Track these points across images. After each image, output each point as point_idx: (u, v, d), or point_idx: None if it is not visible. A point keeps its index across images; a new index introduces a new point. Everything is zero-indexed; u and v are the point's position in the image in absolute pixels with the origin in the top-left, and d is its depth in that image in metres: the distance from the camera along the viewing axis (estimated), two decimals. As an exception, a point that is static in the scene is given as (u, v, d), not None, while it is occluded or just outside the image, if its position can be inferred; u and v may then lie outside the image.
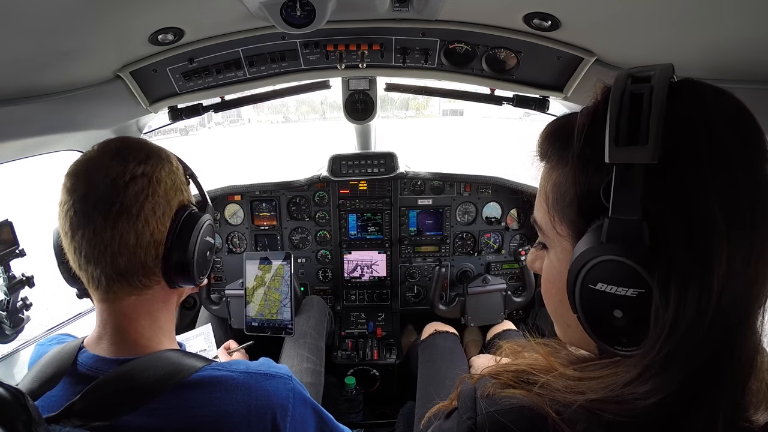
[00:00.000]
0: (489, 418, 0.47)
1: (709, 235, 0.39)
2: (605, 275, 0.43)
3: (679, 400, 0.41)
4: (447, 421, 0.55)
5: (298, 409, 0.73)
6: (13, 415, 0.53)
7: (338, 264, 2.14)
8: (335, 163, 2.00)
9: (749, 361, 0.43)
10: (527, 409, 0.46)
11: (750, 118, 0.43)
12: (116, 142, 0.72)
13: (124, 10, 0.84)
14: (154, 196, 0.68)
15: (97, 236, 0.65)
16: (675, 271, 0.40)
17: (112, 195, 0.65)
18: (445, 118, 51.24)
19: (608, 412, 0.43)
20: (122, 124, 1.41)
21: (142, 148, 0.72)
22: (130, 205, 0.66)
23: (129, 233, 0.66)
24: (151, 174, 0.69)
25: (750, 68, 0.80)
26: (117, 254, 0.66)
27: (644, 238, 0.40)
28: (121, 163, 0.67)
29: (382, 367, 1.88)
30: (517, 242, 2.13)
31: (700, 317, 0.39)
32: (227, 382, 0.68)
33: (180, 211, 0.72)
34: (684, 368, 0.41)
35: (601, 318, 0.45)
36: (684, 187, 0.40)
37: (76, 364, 0.69)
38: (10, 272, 1.13)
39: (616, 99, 0.43)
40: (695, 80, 0.45)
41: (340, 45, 1.27)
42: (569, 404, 0.45)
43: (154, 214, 0.68)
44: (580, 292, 0.46)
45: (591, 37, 1.07)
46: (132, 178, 0.67)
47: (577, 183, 0.47)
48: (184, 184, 0.77)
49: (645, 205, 0.40)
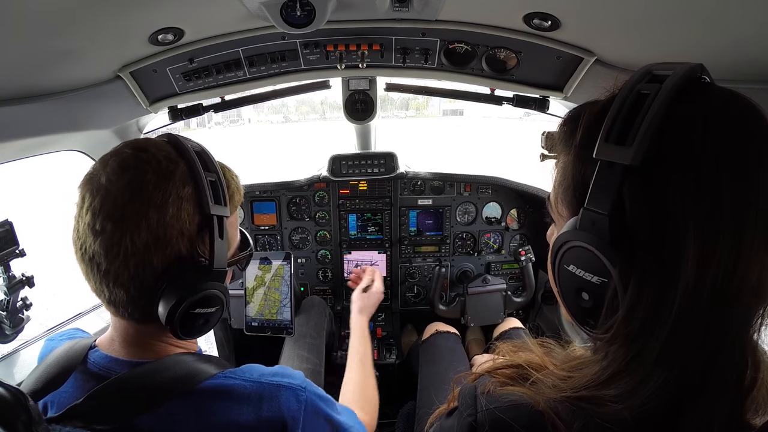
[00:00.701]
0: (489, 415, 0.48)
1: (677, 242, 0.40)
2: (576, 259, 0.47)
3: (661, 405, 0.41)
4: (448, 420, 0.55)
5: (309, 420, 0.71)
6: (13, 415, 0.53)
7: (338, 264, 2.14)
8: (335, 163, 2.00)
9: (753, 374, 0.43)
10: (527, 405, 0.47)
11: (759, 124, 0.42)
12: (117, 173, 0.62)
13: (124, 10, 0.84)
14: (125, 256, 0.60)
15: (93, 278, 0.63)
16: (636, 268, 0.41)
17: (97, 251, 0.60)
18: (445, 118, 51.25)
19: (597, 415, 0.43)
20: (122, 124, 1.41)
21: (132, 189, 0.60)
22: (106, 264, 0.61)
23: (118, 287, 0.62)
24: (120, 235, 0.59)
25: (750, 68, 0.81)
26: (112, 300, 0.63)
27: (609, 232, 0.42)
28: (92, 206, 0.61)
29: (382, 367, 1.88)
30: (517, 242, 2.13)
31: (659, 318, 0.40)
32: (238, 391, 0.66)
33: (172, 267, 0.62)
34: (655, 375, 0.41)
35: (572, 298, 0.49)
36: (660, 192, 0.41)
37: (86, 362, 0.68)
38: (10, 272, 1.13)
39: (622, 96, 0.44)
40: (708, 83, 0.45)
41: (340, 45, 1.27)
42: (564, 402, 0.45)
43: (129, 276, 0.61)
44: (558, 271, 0.50)
45: (591, 37, 1.07)
46: (101, 231, 0.60)
47: (575, 170, 0.49)
48: (194, 230, 0.64)
49: (622, 202, 0.42)
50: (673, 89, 0.41)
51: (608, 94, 0.50)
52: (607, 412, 0.43)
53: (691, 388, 0.41)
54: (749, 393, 0.43)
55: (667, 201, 0.40)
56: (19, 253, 1.13)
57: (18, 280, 1.13)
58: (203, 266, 0.65)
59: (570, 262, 0.47)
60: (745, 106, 0.42)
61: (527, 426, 0.45)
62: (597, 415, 0.43)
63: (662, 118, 0.41)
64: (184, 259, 0.64)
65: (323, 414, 0.75)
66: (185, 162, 0.66)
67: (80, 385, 0.66)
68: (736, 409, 0.43)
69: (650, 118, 0.41)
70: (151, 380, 0.63)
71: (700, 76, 0.45)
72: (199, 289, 0.64)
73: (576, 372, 0.49)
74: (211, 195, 0.65)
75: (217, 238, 0.65)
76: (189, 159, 0.66)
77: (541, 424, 0.44)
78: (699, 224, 0.39)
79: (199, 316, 0.66)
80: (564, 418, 0.44)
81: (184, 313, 0.63)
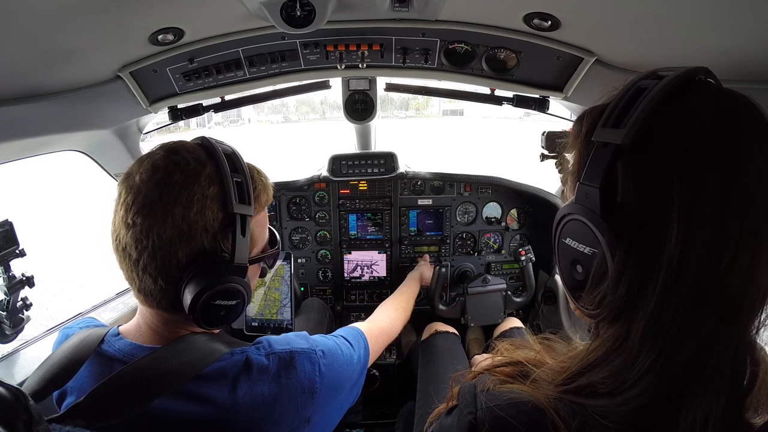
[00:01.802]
0: (489, 413, 0.48)
1: (661, 216, 0.42)
2: (571, 232, 0.50)
3: (653, 396, 0.42)
4: (447, 418, 0.55)
5: (326, 375, 0.77)
6: (13, 415, 0.53)
7: (338, 264, 2.14)
8: (335, 163, 2.00)
9: (753, 369, 0.43)
10: (526, 403, 0.47)
11: (752, 119, 0.43)
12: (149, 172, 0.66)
13: (124, 10, 0.84)
14: (152, 248, 0.64)
15: (126, 266, 0.67)
16: (623, 238, 0.44)
17: (128, 242, 0.65)
18: (445, 118, 51.25)
19: (593, 408, 0.44)
20: (122, 124, 1.41)
21: (161, 188, 0.65)
22: (136, 254, 0.65)
23: (147, 276, 0.66)
24: (148, 228, 0.64)
25: (750, 68, 0.81)
26: (142, 288, 0.68)
27: (600, 204, 0.46)
28: (126, 201, 0.66)
29: (381, 367, 1.88)
30: (517, 242, 2.13)
31: (644, 292, 0.42)
32: (257, 365, 0.70)
33: (196, 260, 0.66)
34: (643, 355, 0.42)
35: (568, 271, 0.52)
36: (647, 169, 0.44)
37: (104, 350, 0.70)
38: (10, 272, 1.13)
39: (624, 89, 0.48)
40: (707, 81, 0.47)
41: (340, 45, 1.27)
42: (561, 399, 0.46)
43: (156, 266, 0.65)
44: (558, 245, 0.53)
45: (591, 37, 1.07)
46: (133, 224, 0.65)
47: (580, 157, 0.53)
48: (218, 226, 0.68)
49: (616, 179, 0.46)
50: (670, 83, 0.44)
51: (615, 97, 0.52)
52: (602, 405, 0.43)
53: (684, 381, 0.42)
54: (749, 391, 0.43)
55: (656, 180, 0.43)
56: (19, 253, 1.13)
57: (18, 280, 1.13)
58: (225, 261, 0.69)
59: (567, 235, 0.51)
60: (739, 101, 0.44)
61: (527, 423, 0.45)
62: (594, 410, 0.43)
63: (656, 105, 0.44)
64: (207, 254, 0.67)
65: (335, 358, 0.82)
66: (213, 163, 0.70)
67: (100, 371, 0.69)
68: (733, 405, 0.42)
69: (644, 104, 0.44)
70: (162, 364, 0.65)
71: (704, 78, 0.47)
72: (220, 281, 0.67)
73: (570, 361, 0.50)
74: (236, 195, 0.69)
75: (239, 235, 0.69)
76: (217, 160, 0.70)
77: (540, 422, 0.45)
78: (683, 205, 0.41)
79: (220, 308, 0.70)
80: (563, 415, 0.44)
81: (206, 304, 0.67)
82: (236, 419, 0.67)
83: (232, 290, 0.70)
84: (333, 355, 0.82)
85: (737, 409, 0.43)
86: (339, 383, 0.82)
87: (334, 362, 0.81)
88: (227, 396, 0.67)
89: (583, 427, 0.43)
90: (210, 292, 0.66)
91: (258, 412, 0.68)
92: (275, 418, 0.69)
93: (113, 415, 0.61)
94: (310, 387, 0.74)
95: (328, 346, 0.83)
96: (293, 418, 0.72)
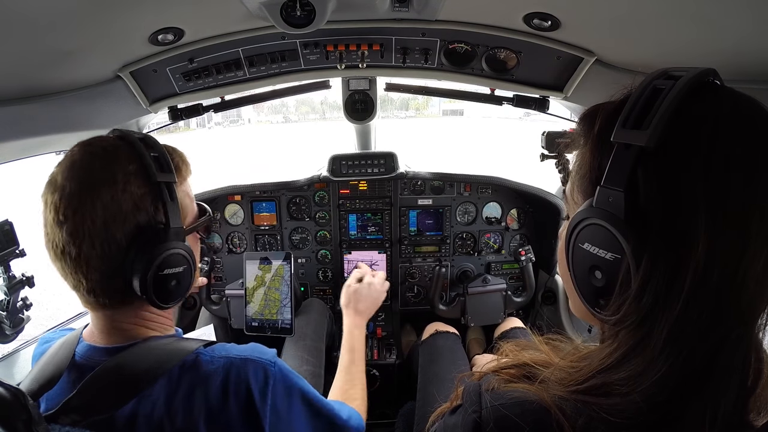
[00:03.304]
0: (494, 412, 0.48)
1: (688, 220, 0.41)
2: (591, 237, 0.49)
3: (664, 395, 0.42)
4: (452, 417, 0.55)
5: (280, 395, 0.74)
6: (13, 415, 0.53)
7: (338, 264, 2.14)
8: (335, 163, 2.00)
9: (757, 367, 0.43)
10: (531, 402, 0.47)
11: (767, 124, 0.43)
12: (69, 169, 0.67)
13: (124, 10, 0.84)
14: (90, 236, 0.64)
15: (69, 271, 0.67)
16: (649, 244, 0.43)
17: (65, 240, 0.65)
18: (445, 118, 51.26)
19: (603, 407, 0.43)
20: (122, 124, 1.41)
21: (84, 176, 0.66)
22: (76, 249, 0.65)
23: (91, 271, 0.66)
24: (81, 218, 0.64)
25: (749, 68, 0.81)
26: (91, 288, 0.68)
27: (624, 208, 0.44)
28: (54, 202, 0.65)
29: (382, 367, 1.88)
30: (517, 242, 2.12)
31: (670, 296, 0.42)
32: (206, 368, 0.70)
33: (135, 239, 0.67)
34: (663, 356, 0.42)
35: (584, 277, 0.50)
36: (672, 173, 0.43)
37: (74, 357, 0.71)
38: (10, 272, 1.13)
39: (639, 89, 0.47)
40: (721, 85, 0.47)
41: (340, 45, 1.27)
42: (568, 399, 0.45)
43: (98, 255, 0.65)
44: (572, 250, 0.51)
45: (591, 37, 1.07)
46: (65, 219, 0.65)
47: (593, 157, 0.51)
48: (143, 200, 0.69)
49: (633, 182, 0.44)
50: (687, 84, 0.44)
51: (622, 95, 0.52)
52: (615, 404, 0.43)
53: (696, 379, 0.42)
54: (753, 389, 0.43)
55: (679, 184, 0.42)
56: (19, 253, 1.13)
57: (18, 280, 1.13)
58: (162, 230, 0.70)
59: (584, 240, 0.49)
60: (754, 106, 0.44)
61: (532, 422, 0.45)
62: (603, 408, 0.43)
63: (676, 108, 0.43)
64: (143, 229, 0.68)
65: (297, 388, 0.78)
66: (127, 144, 0.72)
67: (68, 378, 0.69)
68: (740, 404, 0.43)
69: (666, 104, 0.43)
70: (131, 368, 0.67)
71: (712, 80, 0.47)
72: (161, 250, 0.69)
73: (583, 362, 0.49)
74: (156, 166, 0.71)
75: (168, 201, 0.71)
76: (130, 141, 0.72)
77: (545, 421, 0.45)
78: (709, 209, 0.41)
79: (169, 278, 0.71)
80: (568, 414, 0.44)
81: (155, 277, 0.68)
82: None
83: (177, 255, 0.71)
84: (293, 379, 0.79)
85: (743, 407, 0.43)
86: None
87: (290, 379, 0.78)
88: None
89: (588, 424, 0.44)
90: (156, 261, 0.67)
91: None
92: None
93: (108, 408, 0.63)
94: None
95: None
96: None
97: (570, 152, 0.59)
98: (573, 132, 0.58)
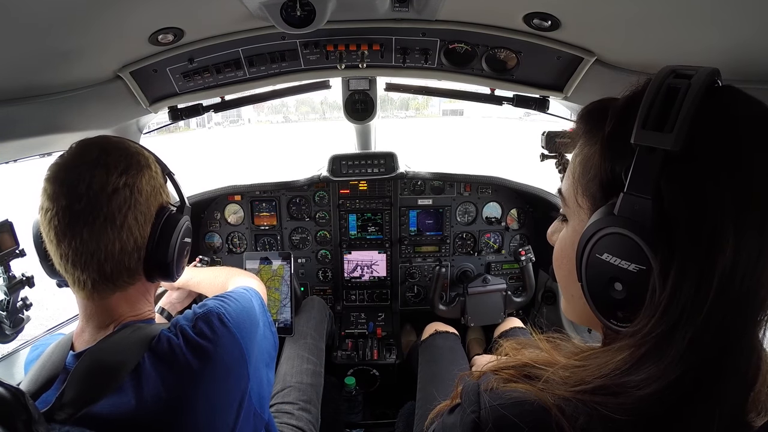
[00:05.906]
0: (493, 412, 0.47)
1: (716, 227, 0.40)
2: (612, 247, 0.45)
3: (676, 395, 0.41)
4: (450, 416, 0.54)
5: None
6: (13, 415, 0.53)
7: (338, 264, 2.14)
8: (335, 163, 2.00)
9: (757, 365, 0.43)
10: (530, 402, 0.46)
11: None
12: (96, 148, 0.73)
13: (124, 10, 0.84)
14: (136, 205, 0.72)
15: (83, 246, 0.68)
16: (678, 254, 0.41)
17: (96, 207, 0.68)
18: (445, 118, 51.26)
19: (607, 406, 0.43)
20: (122, 124, 1.41)
21: (122, 155, 0.73)
22: (114, 216, 0.69)
23: (114, 242, 0.70)
24: (133, 184, 0.72)
25: (749, 68, 0.81)
26: (103, 262, 0.69)
27: (652, 217, 0.42)
28: (104, 174, 0.69)
29: (382, 367, 1.88)
30: (517, 242, 2.13)
31: (696, 305, 0.40)
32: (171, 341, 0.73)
33: (159, 213, 0.76)
34: (682, 360, 0.41)
35: (602, 288, 0.47)
36: (700, 178, 0.41)
37: (65, 365, 0.71)
38: (10, 272, 1.12)
39: (653, 88, 0.45)
40: (735, 87, 0.46)
41: (340, 45, 1.27)
42: (569, 399, 0.45)
43: (136, 222, 0.72)
44: (587, 260, 0.48)
45: (591, 37, 1.07)
46: (114, 189, 0.69)
47: (604, 159, 0.49)
48: (163, 186, 0.80)
49: (660, 188, 0.42)
50: (704, 85, 0.42)
51: (628, 92, 0.50)
52: (622, 402, 0.42)
53: (705, 378, 0.42)
54: (751, 387, 0.43)
55: (705, 188, 0.41)
56: (19, 253, 1.13)
57: (18, 280, 1.13)
58: (179, 208, 0.83)
59: (604, 250, 0.46)
60: (764, 107, 0.44)
61: (531, 422, 0.45)
62: (608, 408, 0.43)
63: (698, 108, 0.42)
64: (163, 207, 0.79)
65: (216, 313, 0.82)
66: (140, 153, 0.81)
67: (62, 380, 0.69)
68: (742, 404, 0.43)
69: (687, 105, 0.41)
70: (117, 347, 0.69)
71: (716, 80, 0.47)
72: (183, 222, 0.81)
73: (590, 360, 0.48)
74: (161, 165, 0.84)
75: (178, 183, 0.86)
76: (139, 155, 0.80)
77: (544, 421, 0.44)
78: (737, 213, 0.40)
79: (186, 246, 0.84)
80: (568, 414, 0.44)
81: (181, 245, 0.80)
82: None
83: (189, 227, 0.84)
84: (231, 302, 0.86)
85: (744, 404, 0.43)
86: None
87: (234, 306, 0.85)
88: None
89: (589, 422, 0.43)
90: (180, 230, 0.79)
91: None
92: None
93: (101, 393, 0.64)
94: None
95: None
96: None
97: (569, 151, 0.57)
98: (572, 131, 0.56)
